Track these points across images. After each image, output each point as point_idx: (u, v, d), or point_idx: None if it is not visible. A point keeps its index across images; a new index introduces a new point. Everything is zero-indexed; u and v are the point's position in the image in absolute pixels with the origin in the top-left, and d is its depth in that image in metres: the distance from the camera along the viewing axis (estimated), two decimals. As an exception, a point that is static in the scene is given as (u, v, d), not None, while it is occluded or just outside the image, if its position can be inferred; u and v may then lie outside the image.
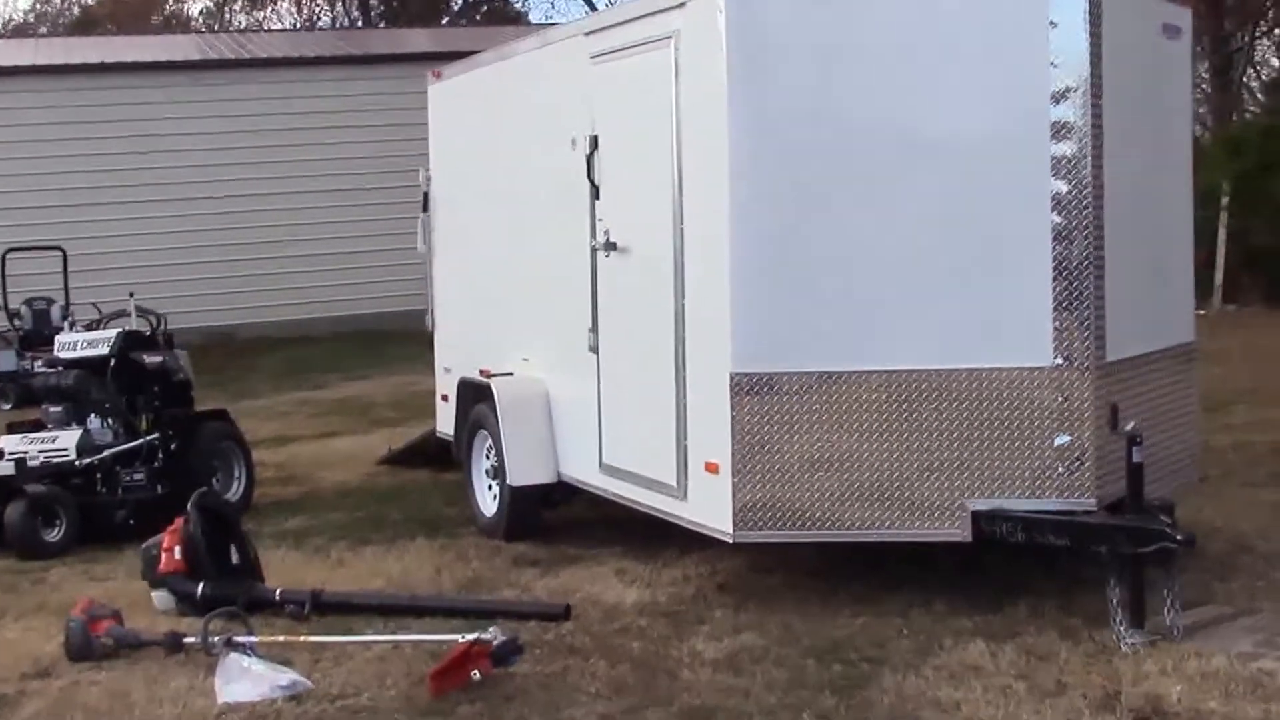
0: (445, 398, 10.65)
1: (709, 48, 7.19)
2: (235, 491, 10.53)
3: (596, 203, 8.32)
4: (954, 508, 7.06)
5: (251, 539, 8.17)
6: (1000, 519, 7.00)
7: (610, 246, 8.15)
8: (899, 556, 7.76)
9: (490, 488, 9.43)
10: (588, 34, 8.40)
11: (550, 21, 36.23)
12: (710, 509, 7.41)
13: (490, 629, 6.38)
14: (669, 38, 7.52)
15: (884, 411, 7.07)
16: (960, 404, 7.03)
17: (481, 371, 9.47)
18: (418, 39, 27.92)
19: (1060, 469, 7.01)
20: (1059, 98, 6.92)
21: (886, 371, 7.07)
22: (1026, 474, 7.02)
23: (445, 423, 10.64)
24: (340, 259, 22.87)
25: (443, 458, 11.51)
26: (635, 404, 8.08)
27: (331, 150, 22.79)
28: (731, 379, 7.15)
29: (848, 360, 7.11)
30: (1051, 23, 6.90)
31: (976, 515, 7.03)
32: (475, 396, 9.56)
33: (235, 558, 7.94)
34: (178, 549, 7.77)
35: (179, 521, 7.89)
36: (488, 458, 9.45)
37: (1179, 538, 6.59)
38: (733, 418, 7.16)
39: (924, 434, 7.05)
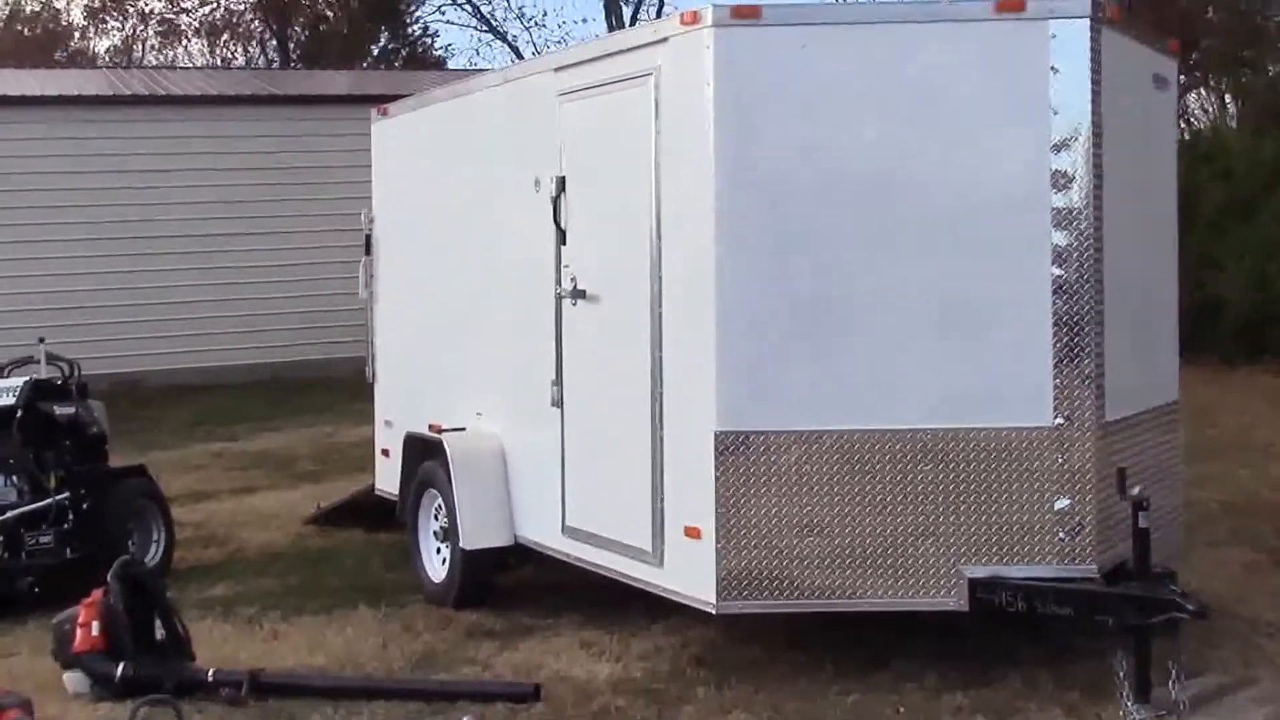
0: (386, 452, 10.10)
1: (694, 86, 6.80)
2: (153, 555, 9.81)
3: (563, 248, 7.86)
4: (950, 575, 6.68)
5: (179, 612, 7.50)
6: (999, 587, 6.64)
7: (578, 294, 7.69)
8: (875, 624, 7.35)
9: (439, 551, 8.89)
10: (556, 70, 7.95)
11: (475, 68, 35.75)
12: (690, 577, 6.95)
13: (465, 717, 5.83)
14: (649, 74, 7.11)
15: (877, 473, 6.68)
16: (956, 466, 6.67)
17: (431, 426, 8.94)
18: (337, 81, 27.26)
19: (1061, 534, 6.66)
20: (1060, 146, 6.61)
21: (879, 431, 6.68)
22: (1025, 539, 6.67)
23: (386, 480, 10.08)
24: (251, 305, 22.08)
25: (377, 516, 10.95)
26: (605, 463, 7.61)
27: (244, 192, 21.99)
28: (716, 438, 6.73)
29: (838, 419, 6.71)
30: (1053, 68, 6.59)
31: (974, 583, 6.66)
32: (424, 453, 9.03)
33: (160, 633, 7.28)
34: (95, 624, 7.08)
35: (96, 593, 7.22)
36: (436, 519, 8.92)
37: (1191, 608, 6.28)
38: (717, 479, 6.73)
39: (919, 497, 6.68)
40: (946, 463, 6.67)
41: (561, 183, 7.83)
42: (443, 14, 46.28)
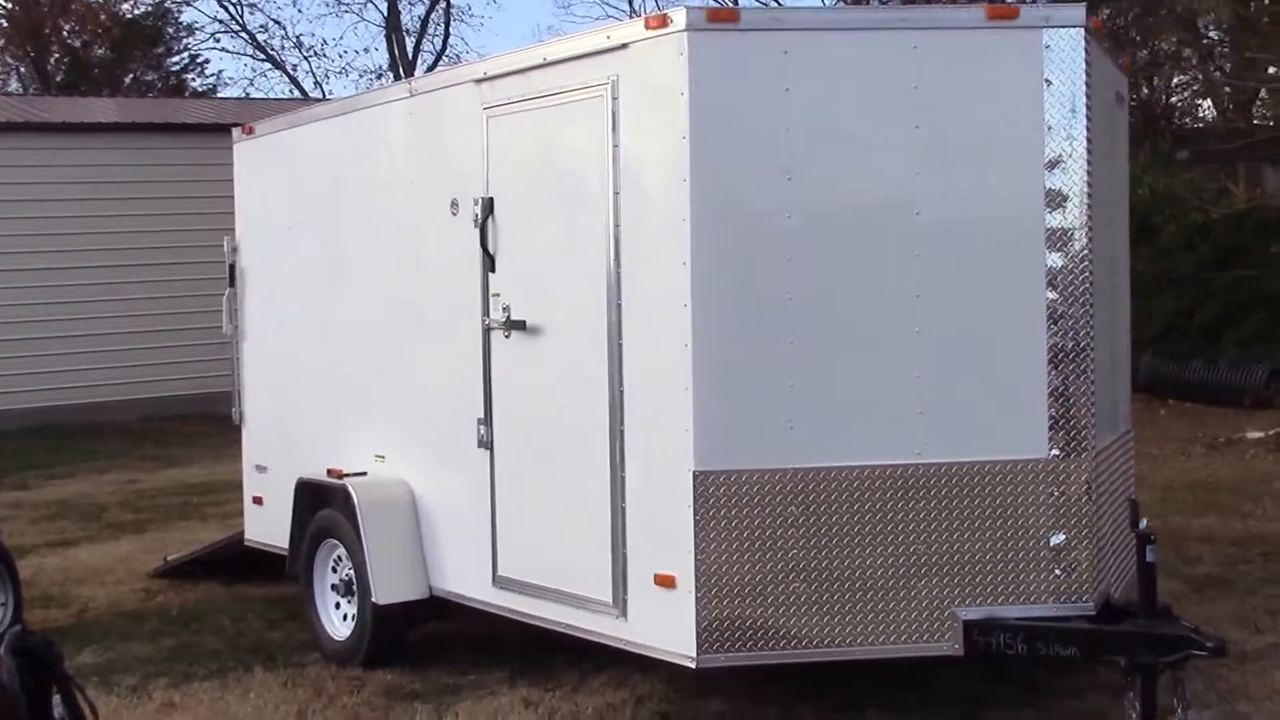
0: (259, 500, 9.27)
1: (663, 97, 6.27)
2: (1, 620, 8.79)
3: (491, 275, 7.23)
4: (944, 618, 6.28)
5: (83, 687, 6.57)
6: (996, 629, 6.25)
7: (513, 326, 7.07)
8: (834, 671, 6.83)
9: (338, 606, 8.13)
10: (479, 81, 7.31)
11: (250, 98, 34.28)
12: (662, 629, 6.40)
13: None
14: (603, 84, 6.56)
15: (866, 512, 6.24)
16: (948, 501, 6.27)
17: (330, 471, 8.17)
18: (104, 108, 25.69)
19: (1057, 571, 6.32)
20: (1054, 164, 6.29)
21: (868, 467, 6.25)
22: (1020, 578, 6.31)
23: (261, 529, 9.25)
24: (16, 346, 20.54)
25: (233, 569, 10.10)
26: (548, 508, 6.99)
27: (3, 226, 20.41)
28: (695, 478, 6.19)
29: (823, 455, 6.25)
30: (1046, 80, 6.28)
31: (969, 625, 6.26)
32: (319, 500, 8.25)
33: (59, 711, 6.36)
34: (-13, 706, 6.17)
35: (-13, 670, 6.28)
36: (335, 571, 8.16)
37: (1209, 645, 5.99)
38: (696, 523, 6.20)
39: (910, 536, 6.26)
40: (938, 499, 6.27)
41: (489, 205, 7.21)
42: (217, 40, 44.45)
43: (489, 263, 7.23)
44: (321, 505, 8.24)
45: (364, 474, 8.06)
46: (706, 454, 6.21)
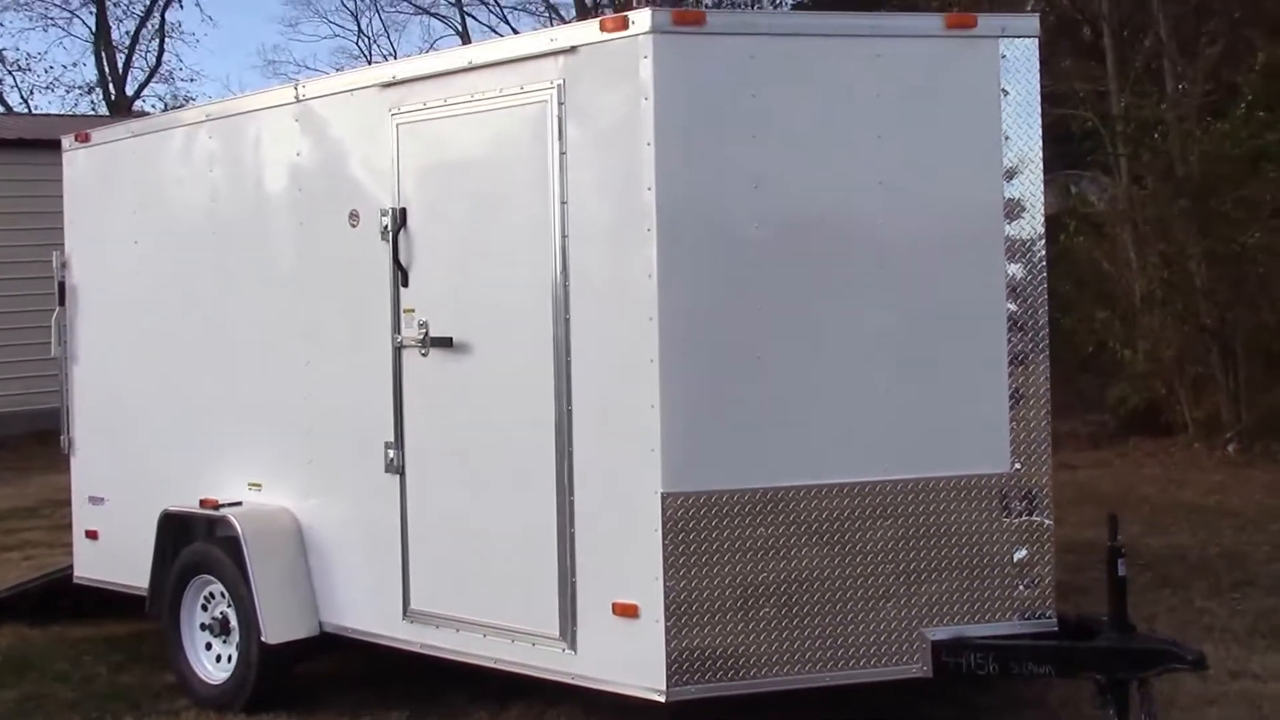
0: (94, 534, 8.45)
1: (623, 102, 5.93)
2: None
3: (403, 290, 6.74)
4: (912, 639, 6.14)
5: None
6: (965, 649, 6.14)
7: (434, 343, 6.60)
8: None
9: (210, 647, 7.46)
10: (386, 86, 6.80)
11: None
12: (621, 661, 6.06)
13: None
14: (548, 89, 6.17)
15: (835, 532, 6.05)
16: (914, 519, 6.14)
17: (204, 502, 7.49)
18: None
19: (1021, 587, 6.26)
20: (1012, 174, 6.24)
21: (839, 485, 6.05)
22: (985, 595, 6.23)
23: (95, 567, 8.45)
24: None
25: (32, 609, 9.22)
26: (476, 535, 6.53)
27: None
28: (664, 501, 5.88)
29: (793, 474, 6.03)
30: (1003, 90, 6.22)
31: (937, 646, 6.13)
32: (188, 533, 7.57)
33: None
34: None
35: None
36: (205, 610, 7.48)
37: (1190, 658, 6.00)
38: (665, 547, 5.89)
39: (878, 556, 6.11)
40: (905, 515, 6.13)
41: (400, 216, 6.72)
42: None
43: (401, 277, 6.74)
44: (189, 539, 7.56)
45: (239, 504, 7.43)
46: (675, 475, 5.92)
